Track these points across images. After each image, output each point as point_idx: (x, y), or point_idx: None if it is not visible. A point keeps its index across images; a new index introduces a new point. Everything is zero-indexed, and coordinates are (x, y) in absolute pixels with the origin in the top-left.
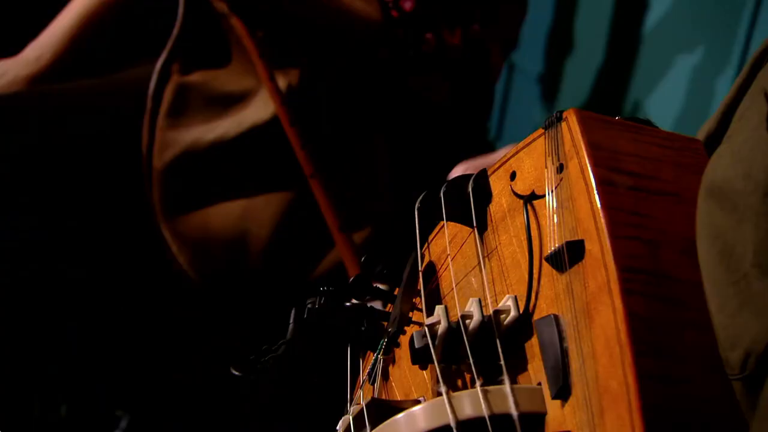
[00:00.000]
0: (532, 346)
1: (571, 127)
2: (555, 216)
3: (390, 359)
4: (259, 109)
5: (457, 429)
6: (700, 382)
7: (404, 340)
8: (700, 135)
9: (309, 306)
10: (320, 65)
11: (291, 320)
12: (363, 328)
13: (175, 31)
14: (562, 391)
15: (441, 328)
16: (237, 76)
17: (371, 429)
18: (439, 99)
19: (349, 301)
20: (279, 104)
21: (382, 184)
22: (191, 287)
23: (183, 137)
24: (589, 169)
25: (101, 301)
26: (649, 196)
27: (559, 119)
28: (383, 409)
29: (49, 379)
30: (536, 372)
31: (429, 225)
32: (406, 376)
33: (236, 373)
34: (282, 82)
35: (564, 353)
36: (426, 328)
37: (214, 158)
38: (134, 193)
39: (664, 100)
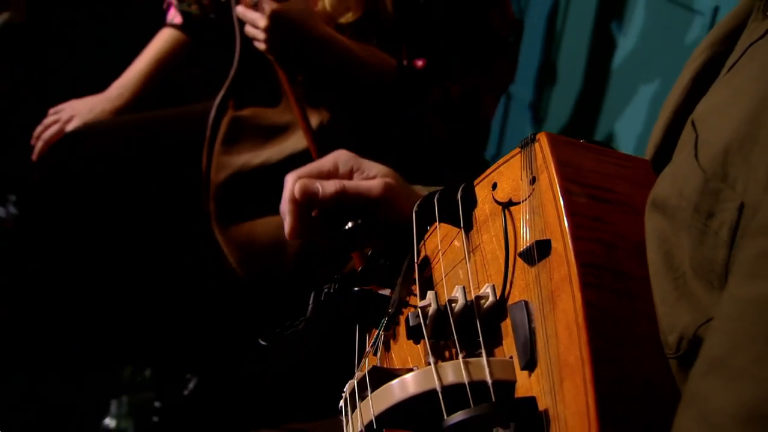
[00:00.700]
0: (506, 326)
1: (542, 146)
2: (527, 219)
3: (390, 335)
4: (297, 140)
5: (441, 393)
6: (644, 359)
7: (402, 319)
8: (649, 149)
9: (325, 290)
10: (346, 107)
11: (311, 302)
12: (368, 309)
13: (231, 73)
14: (530, 363)
15: (431, 310)
16: (280, 112)
17: (371, 392)
18: (440, 135)
19: (358, 288)
20: (310, 140)
21: None
22: (239, 281)
23: (234, 161)
24: (556, 181)
25: (175, 289)
26: (606, 205)
27: (533, 140)
28: (382, 375)
29: (137, 349)
30: (509, 348)
31: (425, 226)
32: (403, 350)
33: (263, 343)
34: (314, 120)
35: (532, 332)
36: (419, 310)
37: (259, 179)
38: (196, 205)
39: (630, 122)
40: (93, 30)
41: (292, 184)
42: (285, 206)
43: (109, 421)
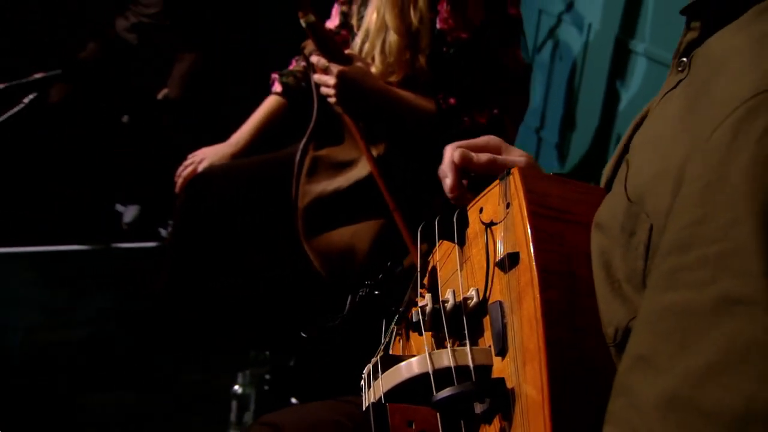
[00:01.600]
0: (487, 322)
1: (515, 179)
2: (503, 236)
3: (404, 328)
4: (361, 169)
5: (433, 375)
6: (590, 346)
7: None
8: (602, 180)
9: (360, 293)
10: (398, 140)
11: (348, 303)
12: (389, 309)
13: (311, 124)
14: (502, 351)
15: (428, 309)
16: (346, 150)
17: (382, 373)
18: None
19: (382, 291)
20: (373, 166)
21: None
22: (323, 280)
23: (314, 189)
24: (524, 205)
25: (279, 290)
26: (564, 224)
27: (508, 174)
28: (391, 360)
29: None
30: (488, 338)
31: (432, 243)
32: (416, 340)
33: (305, 335)
34: (374, 152)
35: (504, 326)
36: (419, 309)
37: (334, 201)
38: (290, 223)
39: None
40: (220, 100)
41: (451, 151)
42: (446, 167)
43: (237, 388)
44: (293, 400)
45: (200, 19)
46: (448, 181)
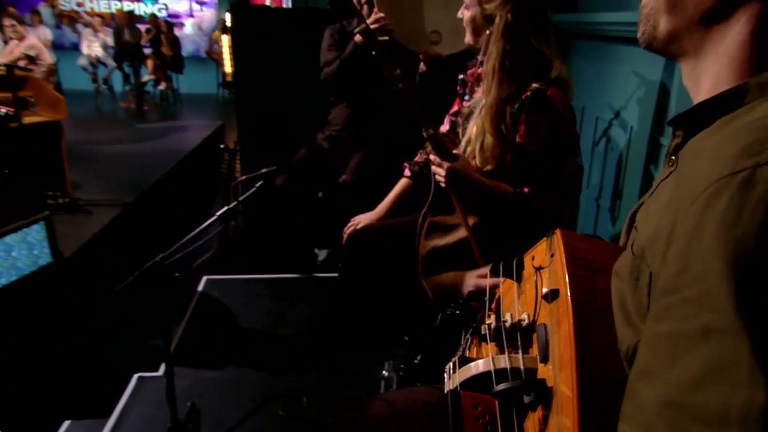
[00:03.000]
0: (534, 337)
1: (557, 237)
2: (548, 277)
3: (476, 338)
4: (461, 232)
5: (494, 373)
6: (609, 359)
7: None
8: (621, 240)
9: (448, 312)
10: (487, 214)
11: (439, 318)
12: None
13: (429, 199)
14: (545, 359)
15: (493, 326)
16: (453, 218)
17: (459, 369)
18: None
19: (462, 312)
20: (468, 231)
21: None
22: (432, 304)
23: (430, 243)
24: (564, 256)
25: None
26: (591, 270)
27: (553, 233)
28: (465, 360)
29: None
30: (535, 350)
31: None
32: (484, 347)
33: (407, 339)
34: (470, 221)
35: (547, 342)
36: (487, 326)
37: (443, 253)
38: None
39: None
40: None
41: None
42: None
43: (385, 373)
44: (418, 384)
45: (366, 134)
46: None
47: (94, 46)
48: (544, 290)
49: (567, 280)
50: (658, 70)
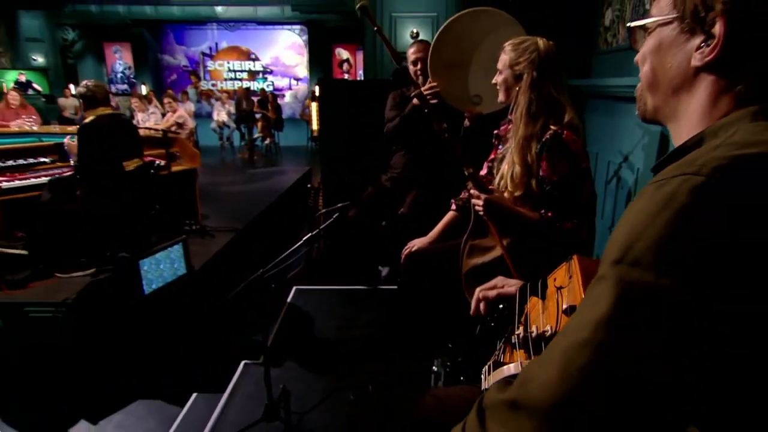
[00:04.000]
0: None
1: (575, 261)
2: (567, 295)
3: (508, 346)
4: (497, 252)
5: None
6: None
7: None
8: None
9: (484, 324)
10: (519, 236)
11: (477, 329)
12: (501, 334)
13: (471, 225)
14: None
15: (522, 336)
16: (490, 240)
17: (493, 371)
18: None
19: (496, 323)
20: (504, 251)
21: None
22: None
23: (471, 262)
24: (580, 278)
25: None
26: None
27: (571, 258)
28: (498, 364)
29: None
30: None
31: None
32: (514, 354)
33: (450, 345)
34: (505, 242)
35: None
36: (516, 336)
37: (482, 269)
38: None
39: None
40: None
41: (477, 293)
42: (474, 302)
43: (435, 368)
44: (462, 378)
45: (420, 175)
46: (476, 305)
47: (221, 113)
48: (564, 306)
49: (583, 297)
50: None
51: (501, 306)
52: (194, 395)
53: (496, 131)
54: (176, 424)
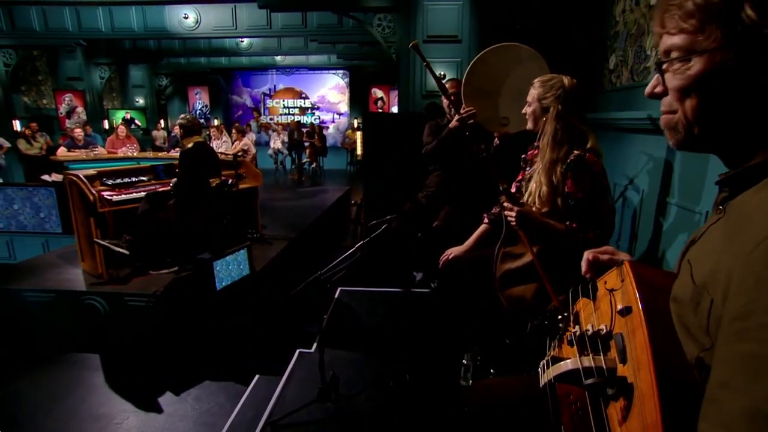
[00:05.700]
0: (611, 344)
1: (626, 266)
2: (620, 297)
3: (558, 343)
4: (527, 258)
5: (582, 370)
6: (678, 363)
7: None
8: (676, 269)
9: (535, 321)
10: (546, 244)
11: (528, 326)
12: (552, 331)
13: (503, 235)
14: (623, 360)
15: (578, 333)
16: (520, 248)
17: (551, 366)
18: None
19: (548, 321)
20: (534, 257)
21: None
22: (506, 311)
23: (503, 267)
24: (634, 280)
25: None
26: (655, 291)
27: (621, 263)
28: (556, 359)
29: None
30: (612, 353)
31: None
32: (567, 350)
33: (508, 341)
34: (534, 249)
35: (624, 347)
36: (572, 333)
37: (514, 274)
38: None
39: None
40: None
41: (587, 254)
42: (584, 262)
43: (465, 361)
44: (491, 371)
45: (452, 193)
46: (584, 266)
47: (277, 142)
48: (619, 307)
49: (638, 298)
50: (662, 149)
51: (551, 308)
52: (257, 377)
53: (523, 155)
54: (242, 400)
